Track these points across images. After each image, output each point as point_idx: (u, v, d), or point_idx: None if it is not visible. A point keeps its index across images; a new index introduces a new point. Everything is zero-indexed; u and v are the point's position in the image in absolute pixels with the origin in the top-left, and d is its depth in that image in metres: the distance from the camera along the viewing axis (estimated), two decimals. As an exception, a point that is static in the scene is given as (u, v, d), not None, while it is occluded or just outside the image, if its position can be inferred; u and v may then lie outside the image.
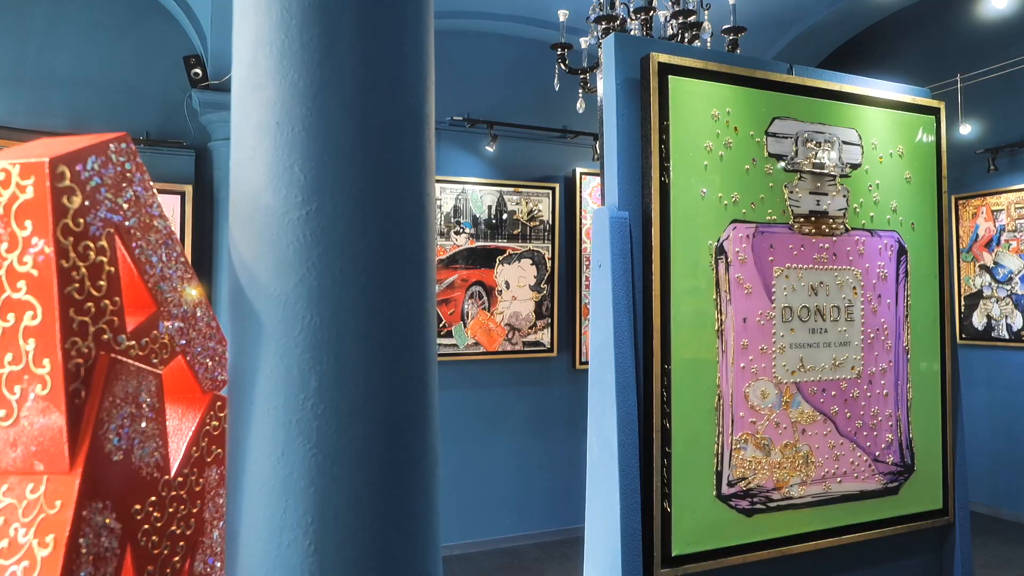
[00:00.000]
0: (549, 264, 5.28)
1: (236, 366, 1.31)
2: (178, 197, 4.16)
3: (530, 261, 5.24)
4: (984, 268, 5.67)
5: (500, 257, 5.14)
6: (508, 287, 5.16)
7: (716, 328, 2.12)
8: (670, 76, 2.08)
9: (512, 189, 5.18)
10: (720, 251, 2.13)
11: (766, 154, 2.24)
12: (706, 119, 2.14)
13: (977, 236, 5.74)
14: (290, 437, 1.25)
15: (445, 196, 5.00)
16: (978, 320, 5.71)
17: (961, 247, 5.87)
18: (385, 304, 1.32)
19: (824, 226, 2.33)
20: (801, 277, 2.28)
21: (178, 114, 4.29)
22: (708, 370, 2.10)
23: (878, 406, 2.39)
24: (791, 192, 2.28)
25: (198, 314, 1.63)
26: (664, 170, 2.06)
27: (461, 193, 5.04)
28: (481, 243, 5.09)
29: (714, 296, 2.12)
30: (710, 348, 2.10)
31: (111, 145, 1.38)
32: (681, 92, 2.10)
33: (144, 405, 1.40)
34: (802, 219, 2.29)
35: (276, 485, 1.26)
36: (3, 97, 3.99)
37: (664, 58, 2.08)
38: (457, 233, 5.02)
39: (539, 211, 5.27)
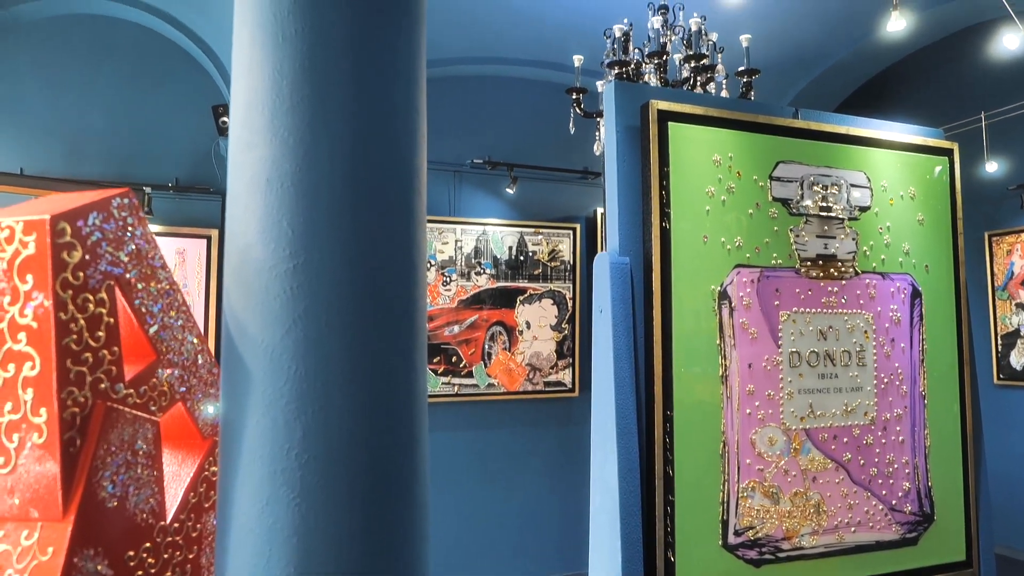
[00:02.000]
0: (570, 304, 5.28)
1: (226, 416, 1.34)
2: (204, 241, 4.28)
3: (551, 301, 5.24)
4: (1021, 306, 5.51)
5: (521, 297, 5.16)
6: (529, 327, 5.17)
7: (720, 374, 2.10)
8: (670, 123, 2.10)
9: (533, 230, 5.22)
10: (723, 296, 2.12)
11: (770, 198, 2.24)
12: (707, 165, 2.15)
13: (1013, 273, 5.60)
14: (275, 487, 1.27)
15: (466, 237, 5.05)
16: (1016, 360, 5.54)
17: (996, 285, 5.72)
18: (371, 355, 1.34)
19: (833, 269, 2.31)
20: (809, 321, 2.25)
21: (206, 161, 4.44)
22: (712, 416, 2.07)
23: (894, 453, 2.33)
24: (797, 236, 2.26)
25: (199, 361, 1.67)
26: (665, 216, 2.07)
27: (482, 234, 5.09)
28: (502, 283, 5.12)
29: (718, 341, 2.10)
30: (714, 394, 2.08)
31: (114, 200, 1.44)
32: (681, 139, 2.11)
33: (140, 452, 1.44)
34: (809, 263, 2.27)
35: (261, 534, 1.27)
36: (41, 147, 4.17)
37: (663, 105, 2.10)
38: (478, 274, 5.06)
39: (560, 251, 5.29)
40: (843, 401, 2.27)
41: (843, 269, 2.33)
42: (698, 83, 3.65)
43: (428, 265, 4.91)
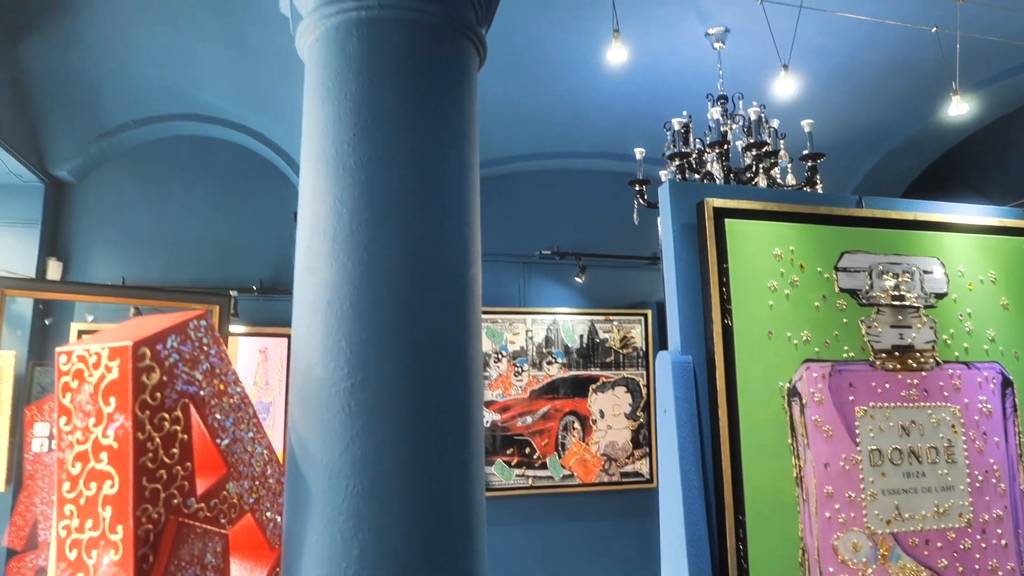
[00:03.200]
0: (644, 391, 5.19)
1: (287, 531, 1.38)
2: (285, 340, 4.47)
3: (624, 389, 5.17)
4: None
5: (593, 386, 5.11)
6: (603, 416, 5.09)
7: (794, 475, 2.01)
8: (727, 219, 2.11)
9: (603, 317, 5.22)
10: (793, 393, 2.06)
11: (837, 290, 2.18)
12: (768, 259, 2.12)
13: None
14: (332, 606, 1.28)
15: (536, 327, 5.09)
16: None
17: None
18: (428, 471, 1.36)
19: (911, 360, 2.21)
20: (889, 416, 2.14)
21: (287, 264, 4.69)
22: (788, 521, 1.97)
23: (997, 558, 2.15)
24: (869, 327, 2.19)
25: (268, 472, 1.72)
26: (726, 312, 2.05)
27: (552, 324, 5.12)
28: (573, 372, 5.10)
29: (789, 440, 2.02)
30: (789, 496, 1.99)
31: (191, 323, 1.55)
32: (739, 234, 2.11)
33: (209, 566, 1.48)
34: (884, 355, 2.18)
35: (319, 655, 1.28)
36: (142, 258, 4.52)
37: (719, 203, 2.11)
38: (549, 363, 5.06)
39: (632, 338, 5.25)
40: (934, 502, 2.13)
41: (922, 360, 2.22)
42: (761, 170, 3.65)
43: (499, 356, 4.95)
